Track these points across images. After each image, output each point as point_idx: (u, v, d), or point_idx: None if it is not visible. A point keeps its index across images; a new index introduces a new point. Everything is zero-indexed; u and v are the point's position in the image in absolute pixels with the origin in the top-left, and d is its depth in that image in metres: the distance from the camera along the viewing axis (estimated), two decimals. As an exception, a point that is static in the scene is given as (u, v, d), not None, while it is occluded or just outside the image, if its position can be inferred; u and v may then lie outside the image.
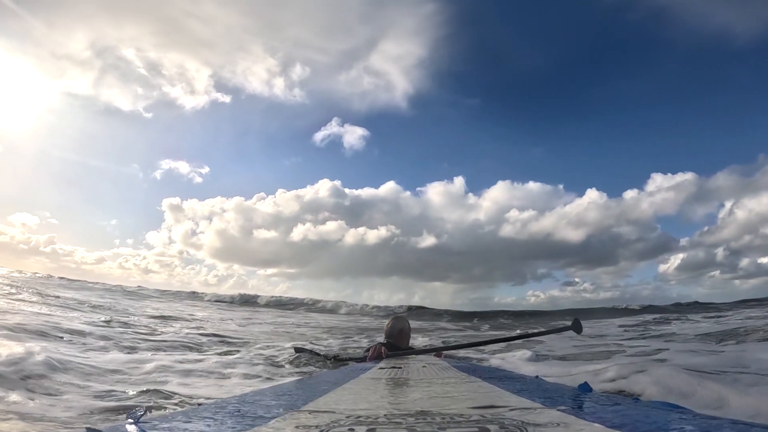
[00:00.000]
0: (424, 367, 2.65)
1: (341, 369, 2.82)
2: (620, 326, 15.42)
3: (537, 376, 2.30)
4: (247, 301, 37.86)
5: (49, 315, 8.84)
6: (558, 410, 1.28)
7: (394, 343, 3.84)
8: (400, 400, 1.50)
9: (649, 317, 20.16)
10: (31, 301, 11.77)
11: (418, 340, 9.61)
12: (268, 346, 6.88)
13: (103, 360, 4.64)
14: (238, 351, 6.38)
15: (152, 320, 10.99)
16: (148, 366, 4.47)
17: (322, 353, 4.60)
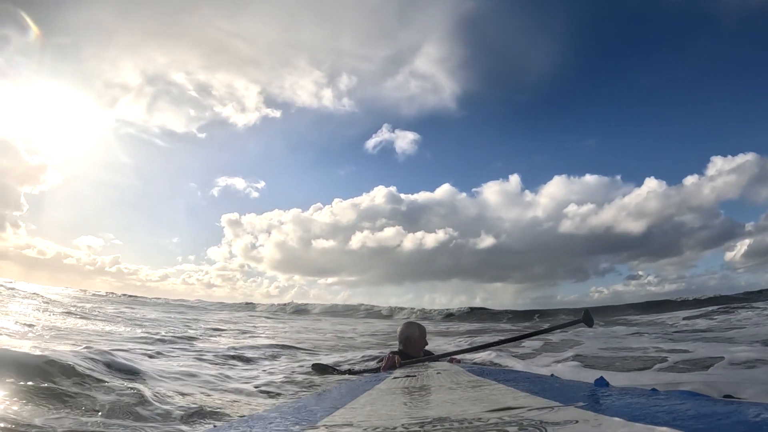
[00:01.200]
0: (438, 373, 2.64)
1: (356, 382, 2.79)
2: (685, 319, 15.16)
3: (552, 374, 2.28)
4: (301, 310, 37.80)
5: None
6: (576, 407, 1.27)
7: (406, 350, 3.78)
8: (416, 408, 1.49)
9: (712, 308, 18.82)
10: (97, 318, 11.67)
11: (449, 344, 9.48)
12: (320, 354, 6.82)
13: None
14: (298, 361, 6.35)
15: (221, 332, 10.83)
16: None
17: (338, 368, 4.58)
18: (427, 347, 3.92)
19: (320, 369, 4.79)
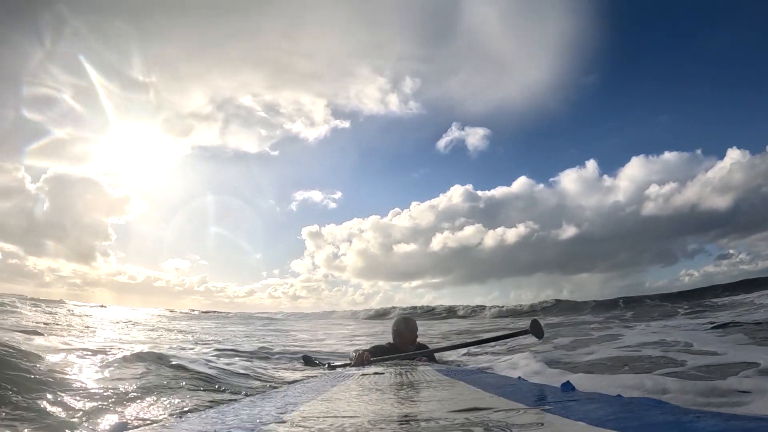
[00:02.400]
0: (406, 372, 2.64)
1: (324, 377, 2.80)
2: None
3: (519, 377, 2.30)
4: (384, 313, 37.68)
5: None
6: (542, 410, 1.28)
7: (397, 343, 3.79)
8: (382, 405, 1.48)
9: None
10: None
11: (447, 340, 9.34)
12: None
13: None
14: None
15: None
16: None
17: (321, 362, 4.57)
18: (419, 341, 3.95)
19: (307, 361, 4.79)
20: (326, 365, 4.29)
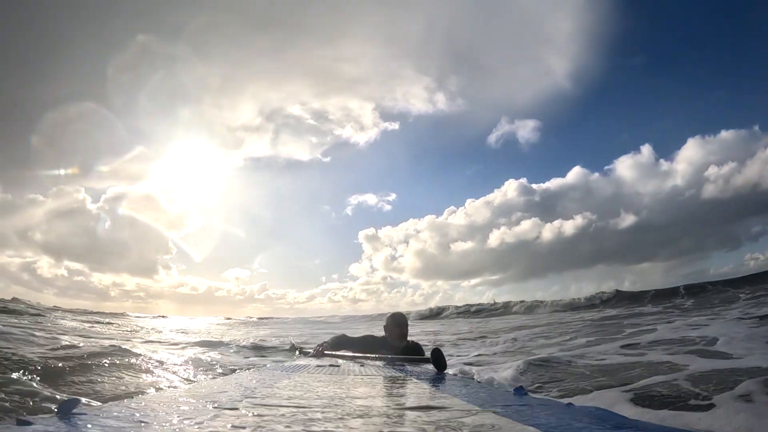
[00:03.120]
0: (362, 366, 2.73)
1: (282, 365, 3.02)
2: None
3: (473, 378, 2.31)
4: (438, 313, 37.46)
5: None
6: (494, 413, 1.34)
7: (386, 339, 3.97)
8: (334, 397, 1.60)
9: None
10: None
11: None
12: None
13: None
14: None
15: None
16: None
17: (300, 349, 4.84)
18: (410, 337, 4.08)
19: (292, 348, 5.05)
20: (297, 351, 4.51)
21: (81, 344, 5.77)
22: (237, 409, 1.23)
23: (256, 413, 1.20)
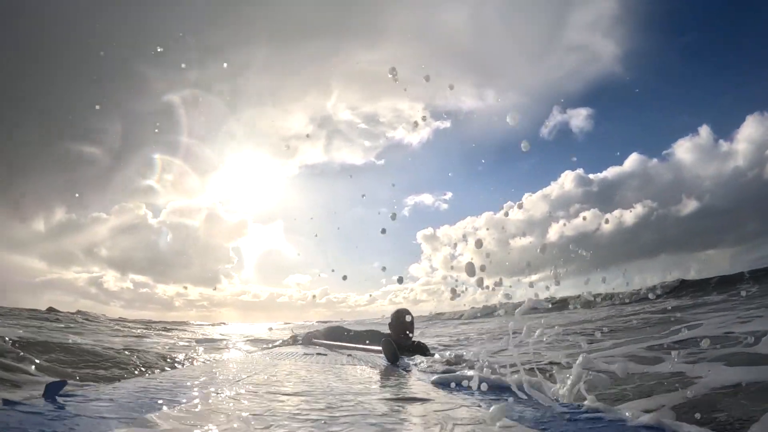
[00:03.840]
0: (349, 355, 2.72)
1: (271, 351, 3.09)
2: None
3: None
4: (491, 311, 37.63)
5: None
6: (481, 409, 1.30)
7: (391, 335, 3.93)
8: (315, 384, 1.62)
9: None
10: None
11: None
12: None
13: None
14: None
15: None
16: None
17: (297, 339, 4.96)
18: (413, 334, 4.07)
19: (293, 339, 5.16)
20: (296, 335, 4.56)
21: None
22: (211, 394, 1.29)
23: (229, 396, 1.26)
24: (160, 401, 1.12)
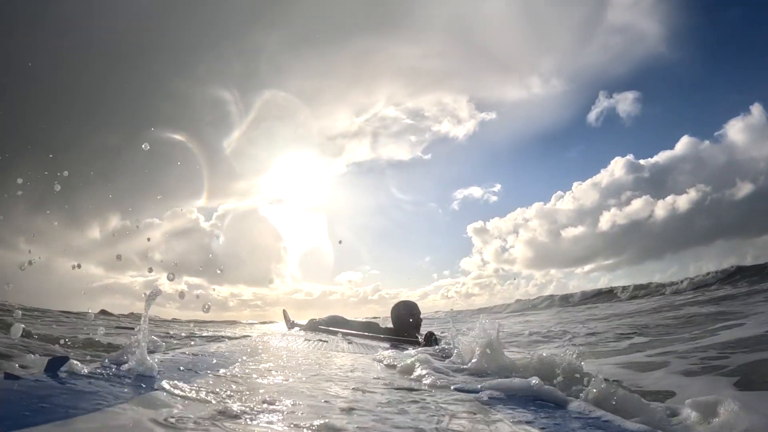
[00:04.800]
0: (350, 343, 2.70)
1: (278, 336, 3.13)
2: None
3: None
4: (536, 304, 35.21)
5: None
6: (480, 403, 1.28)
7: (397, 328, 3.88)
8: (328, 370, 1.63)
9: None
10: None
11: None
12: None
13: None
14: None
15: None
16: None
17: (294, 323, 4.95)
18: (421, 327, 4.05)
19: (285, 315, 5.13)
20: (293, 321, 4.60)
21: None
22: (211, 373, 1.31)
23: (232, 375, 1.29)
24: (162, 379, 1.16)
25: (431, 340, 3.21)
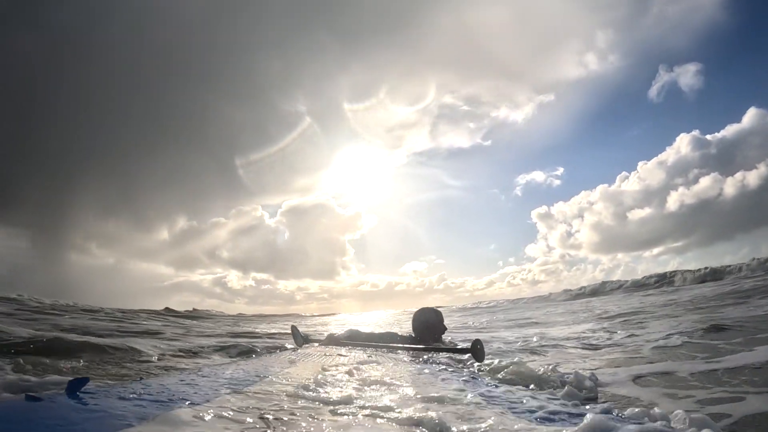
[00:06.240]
0: (369, 356, 2.61)
1: (295, 352, 3.07)
2: None
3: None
4: (596, 291, 34.30)
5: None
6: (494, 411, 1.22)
7: (417, 336, 3.73)
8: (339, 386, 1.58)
9: None
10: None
11: None
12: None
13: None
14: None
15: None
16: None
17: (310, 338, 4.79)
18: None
19: (294, 331, 5.03)
20: (305, 335, 4.47)
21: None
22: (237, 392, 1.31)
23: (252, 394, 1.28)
24: (181, 399, 1.17)
25: (478, 351, 2.95)
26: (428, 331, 3.82)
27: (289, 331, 4.64)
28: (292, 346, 4.19)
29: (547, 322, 9.27)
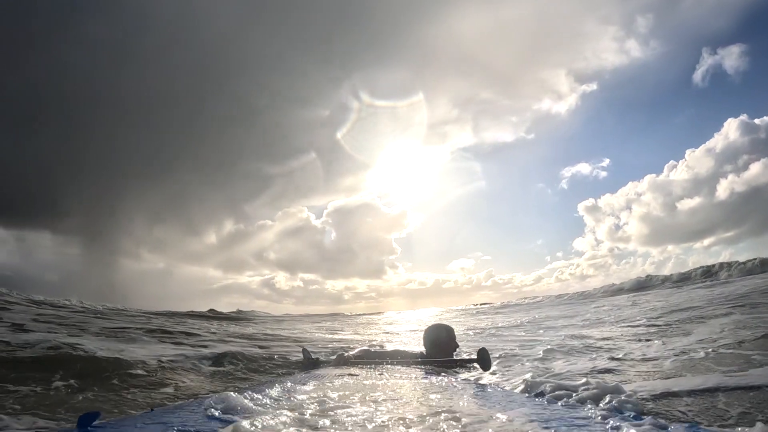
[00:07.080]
0: (380, 374, 2.65)
1: (309, 374, 3.06)
2: None
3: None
4: (641, 286, 32.06)
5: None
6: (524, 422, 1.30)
7: (433, 353, 3.78)
8: (366, 402, 1.66)
9: None
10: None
11: None
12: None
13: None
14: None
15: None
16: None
17: (313, 357, 4.60)
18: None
19: (304, 353, 4.87)
20: (316, 359, 4.39)
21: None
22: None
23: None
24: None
25: (485, 360, 3.02)
26: (438, 348, 3.80)
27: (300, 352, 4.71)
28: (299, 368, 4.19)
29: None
